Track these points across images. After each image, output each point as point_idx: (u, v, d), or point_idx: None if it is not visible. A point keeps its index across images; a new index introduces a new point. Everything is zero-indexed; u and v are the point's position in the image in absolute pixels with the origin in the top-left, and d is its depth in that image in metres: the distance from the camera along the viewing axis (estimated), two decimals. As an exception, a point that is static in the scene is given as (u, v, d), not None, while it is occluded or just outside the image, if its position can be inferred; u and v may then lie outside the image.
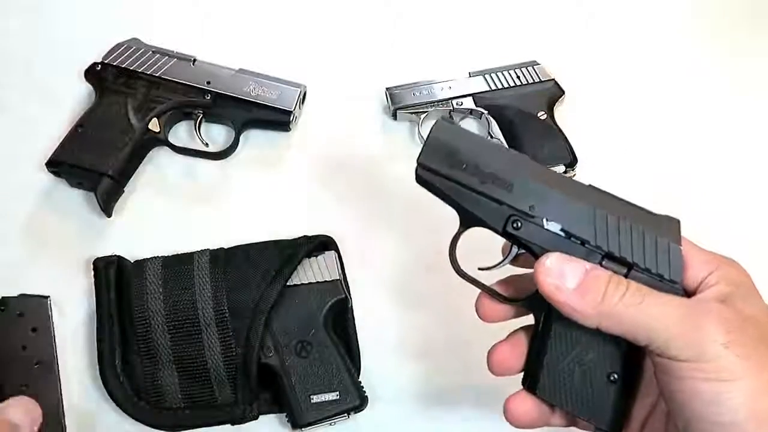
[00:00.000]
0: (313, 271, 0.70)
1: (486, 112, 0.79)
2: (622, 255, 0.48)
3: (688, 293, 0.48)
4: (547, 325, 0.50)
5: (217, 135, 0.80)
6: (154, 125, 0.75)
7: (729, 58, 0.87)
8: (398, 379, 0.70)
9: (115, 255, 0.71)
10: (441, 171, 0.51)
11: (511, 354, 0.54)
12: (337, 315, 0.70)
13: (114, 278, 0.69)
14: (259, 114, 0.77)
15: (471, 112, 0.80)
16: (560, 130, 0.78)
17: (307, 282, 0.69)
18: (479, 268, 0.55)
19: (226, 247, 0.71)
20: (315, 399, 0.66)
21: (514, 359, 0.54)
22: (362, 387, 0.67)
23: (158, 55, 0.78)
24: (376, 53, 0.84)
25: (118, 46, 0.78)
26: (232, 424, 0.67)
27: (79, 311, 0.71)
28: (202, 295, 0.67)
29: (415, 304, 0.73)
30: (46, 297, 0.70)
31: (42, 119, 0.79)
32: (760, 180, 0.81)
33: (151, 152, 0.78)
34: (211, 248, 0.70)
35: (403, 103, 0.79)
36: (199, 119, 0.77)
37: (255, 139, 0.80)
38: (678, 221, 0.49)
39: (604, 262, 0.48)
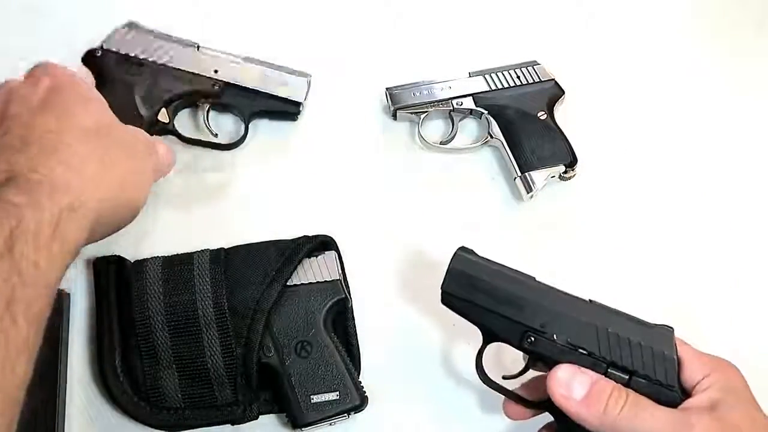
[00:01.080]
0: (313, 271, 0.70)
1: (486, 112, 0.79)
2: (623, 364, 0.55)
3: (686, 392, 0.54)
4: (565, 427, 0.56)
5: (222, 125, 0.79)
6: (163, 115, 0.73)
7: (729, 58, 0.87)
8: (398, 379, 0.70)
9: (115, 255, 0.71)
10: (463, 296, 0.59)
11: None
12: (337, 315, 0.70)
13: (114, 278, 0.69)
14: (269, 104, 0.76)
15: (471, 112, 0.81)
16: (560, 130, 0.78)
17: (307, 282, 0.69)
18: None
19: (226, 246, 0.71)
20: (315, 399, 0.66)
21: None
22: (362, 387, 0.67)
23: (160, 40, 0.75)
24: (376, 53, 0.84)
25: (117, 30, 0.75)
26: (232, 424, 0.67)
27: (79, 311, 0.71)
28: (202, 295, 0.67)
29: (415, 304, 0.73)
30: (68, 293, 0.70)
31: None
32: (760, 180, 0.81)
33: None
34: (211, 248, 0.70)
35: (403, 103, 0.79)
36: (207, 109, 0.76)
37: (253, 140, 0.80)
38: (672, 330, 0.56)
39: (609, 370, 0.55)
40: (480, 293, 0.59)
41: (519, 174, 0.77)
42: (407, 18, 0.87)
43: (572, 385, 0.54)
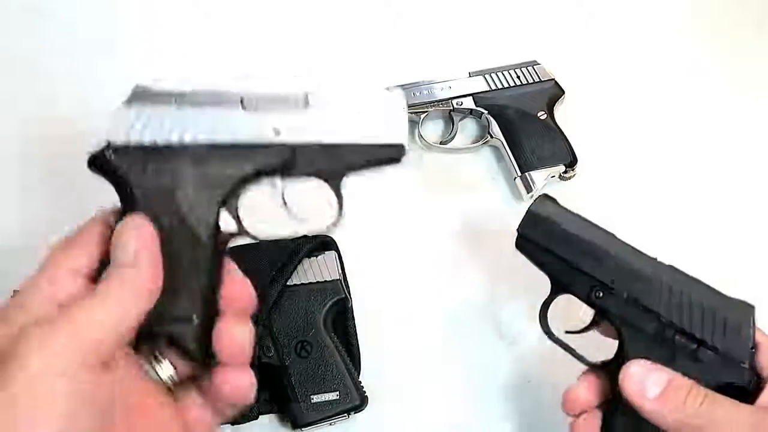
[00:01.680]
0: (313, 271, 0.70)
1: (486, 111, 0.79)
2: (693, 331, 0.52)
3: (760, 378, 0.51)
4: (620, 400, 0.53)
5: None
6: (226, 222, 0.49)
7: (729, 58, 0.87)
8: (398, 379, 0.70)
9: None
10: (538, 241, 0.57)
11: (587, 393, 0.57)
12: (337, 315, 0.70)
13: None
14: (362, 158, 0.53)
15: (471, 112, 0.80)
16: (560, 130, 0.79)
17: (307, 282, 0.69)
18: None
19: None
20: (315, 399, 0.66)
21: (590, 397, 0.57)
22: (362, 387, 0.67)
23: (188, 107, 0.50)
24: (376, 53, 0.84)
25: (119, 110, 0.49)
26: (232, 424, 0.67)
27: (79, 311, 0.71)
28: (202, 295, 0.67)
29: (415, 304, 0.73)
30: None
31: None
32: (760, 179, 0.81)
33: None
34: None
35: (403, 103, 0.79)
36: (282, 190, 0.53)
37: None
38: (753, 307, 0.53)
39: (676, 336, 0.52)
40: (556, 240, 0.56)
41: (519, 174, 0.77)
42: (407, 18, 0.87)
43: (647, 382, 0.51)
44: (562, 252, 0.56)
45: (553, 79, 0.81)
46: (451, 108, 0.80)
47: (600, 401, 0.56)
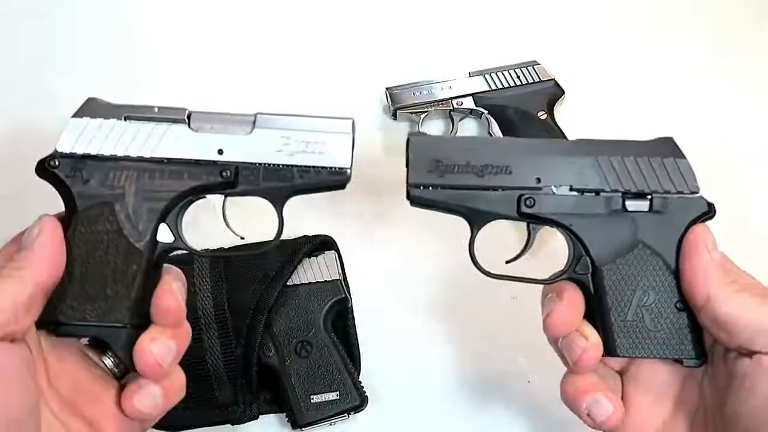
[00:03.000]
0: (313, 271, 0.70)
1: (486, 111, 0.79)
2: (639, 188, 0.50)
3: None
4: (599, 286, 0.51)
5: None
6: (164, 234, 0.52)
7: (729, 58, 0.87)
8: (398, 379, 0.70)
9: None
10: (435, 182, 0.51)
11: (569, 312, 0.52)
12: (337, 315, 0.70)
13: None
14: (303, 182, 0.54)
15: (471, 111, 0.80)
16: (560, 130, 0.78)
17: (307, 282, 0.69)
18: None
19: (226, 247, 0.71)
20: (315, 399, 0.66)
21: (571, 316, 0.52)
22: (362, 387, 0.67)
23: (135, 122, 0.52)
24: (376, 53, 0.84)
25: (71, 122, 0.52)
26: (232, 424, 0.67)
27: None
28: (202, 295, 0.67)
29: (415, 304, 0.73)
30: None
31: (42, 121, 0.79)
32: (761, 178, 0.81)
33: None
34: (211, 248, 0.70)
35: (403, 103, 0.79)
36: (222, 205, 0.56)
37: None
38: (671, 138, 0.52)
39: (626, 201, 0.50)
40: (454, 173, 0.51)
41: (519, 174, 0.76)
42: (407, 18, 0.87)
43: (714, 246, 0.49)
44: (468, 181, 0.51)
45: (553, 79, 0.81)
46: (451, 108, 0.80)
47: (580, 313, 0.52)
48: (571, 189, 0.51)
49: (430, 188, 0.51)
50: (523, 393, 0.71)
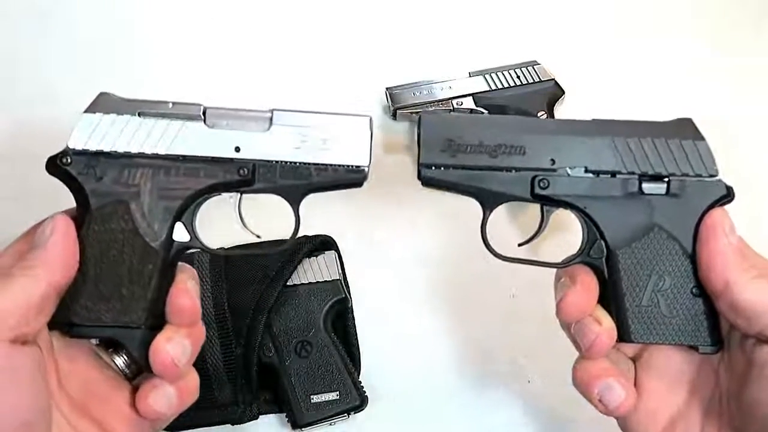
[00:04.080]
0: (313, 271, 0.70)
1: (486, 112, 0.79)
2: (656, 171, 0.49)
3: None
4: (614, 270, 0.50)
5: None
6: (180, 233, 0.51)
7: (729, 58, 0.87)
8: (398, 379, 0.70)
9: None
10: (447, 163, 0.50)
11: (583, 296, 0.51)
12: (337, 315, 0.70)
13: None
14: (320, 179, 0.53)
15: (471, 111, 0.80)
16: (560, 130, 0.78)
17: (307, 282, 0.69)
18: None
19: (226, 246, 0.71)
20: (315, 399, 0.66)
21: (585, 301, 0.51)
22: (362, 387, 0.67)
23: (150, 118, 0.51)
24: (376, 53, 0.84)
25: (83, 117, 0.51)
26: (232, 424, 0.67)
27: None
28: (203, 295, 0.67)
29: (415, 304, 0.73)
30: None
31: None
32: (761, 179, 0.81)
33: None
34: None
35: (403, 103, 0.79)
36: (238, 203, 0.56)
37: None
38: (690, 119, 0.51)
39: (643, 184, 0.49)
40: (466, 153, 0.49)
41: (519, 174, 0.76)
42: (407, 18, 0.87)
43: (731, 230, 0.48)
44: (481, 161, 0.49)
45: (553, 79, 0.81)
46: (452, 108, 0.80)
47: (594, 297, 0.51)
48: (586, 171, 0.50)
49: (442, 168, 0.50)
50: (523, 393, 0.71)
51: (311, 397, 0.66)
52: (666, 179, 0.49)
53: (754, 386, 0.46)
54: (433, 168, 0.50)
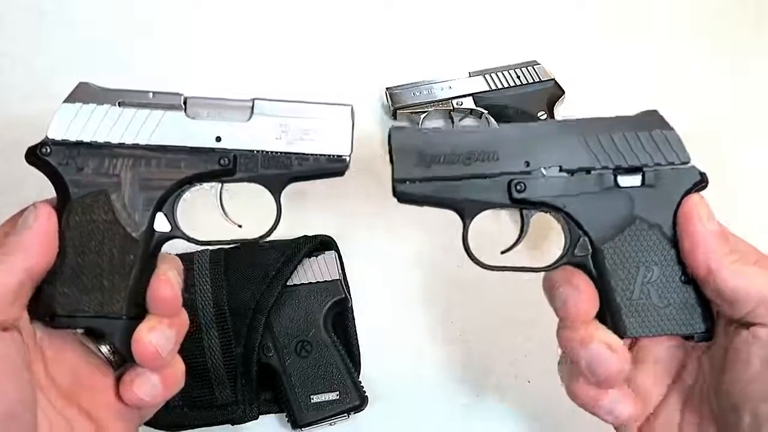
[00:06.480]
0: (313, 271, 0.70)
1: (486, 111, 0.79)
2: (630, 163, 0.50)
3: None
4: (601, 266, 0.50)
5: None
6: (161, 223, 0.51)
7: (729, 58, 0.87)
8: (398, 379, 0.70)
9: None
10: (421, 176, 0.50)
11: (586, 299, 0.50)
12: (337, 315, 0.70)
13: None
14: (301, 169, 0.53)
15: (471, 111, 0.80)
16: (560, 130, 0.78)
17: (307, 282, 0.69)
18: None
19: (225, 247, 0.71)
20: (315, 399, 0.66)
21: (589, 304, 0.50)
22: (362, 387, 0.68)
23: (130, 107, 0.51)
24: (376, 53, 0.84)
25: (63, 107, 0.51)
26: (232, 424, 0.67)
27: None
28: (202, 295, 0.67)
29: (415, 304, 0.73)
30: None
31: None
32: (761, 179, 0.81)
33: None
34: (210, 248, 0.70)
35: (403, 103, 0.79)
36: (219, 192, 0.56)
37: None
38: (656, 110, 0.52)
39: (618, 177, 0.50)
40: (440, 164, 0.50)
41: (519, 174, 0.76)
42: (407, 18, 0.87)
43: (709, 216, 0.48)
44: (456, 171, 0.50)
45: (553, 79, 0.81)
46: (451, 108, 0.80)
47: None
48: (561, 170, 0.50)
49: (417, 182, 0.51)
50: (523, 393, 0.71)
51: (311, 397, 0.66)
52: (640, 170, 0.50)
53: (728, 374, 0.46)
54: (408, 182, 0.51)
